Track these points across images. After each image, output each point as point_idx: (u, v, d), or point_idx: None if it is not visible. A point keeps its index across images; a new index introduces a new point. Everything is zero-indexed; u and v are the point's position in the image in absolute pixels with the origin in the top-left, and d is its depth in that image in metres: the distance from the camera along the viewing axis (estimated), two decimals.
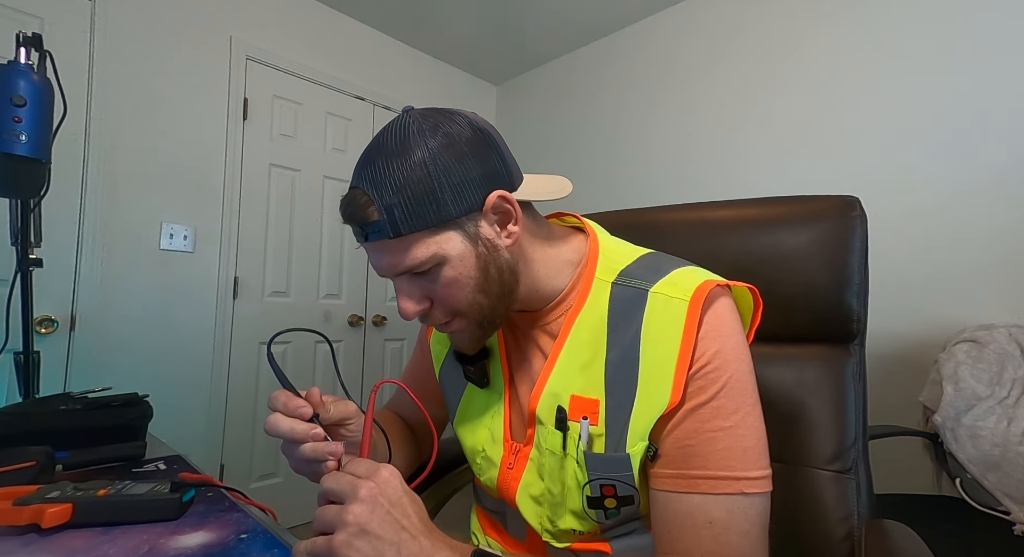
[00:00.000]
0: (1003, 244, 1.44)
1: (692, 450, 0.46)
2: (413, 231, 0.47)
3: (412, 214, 0.46)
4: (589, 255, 0.57)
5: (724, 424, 0.46)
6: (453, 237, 0.48)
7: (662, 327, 0.49)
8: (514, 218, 0.51)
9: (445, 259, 0.48)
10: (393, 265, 0.49)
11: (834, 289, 0.70)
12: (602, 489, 0.51)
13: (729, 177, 2.05)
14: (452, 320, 0.53)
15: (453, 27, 2.49)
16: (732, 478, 0.45)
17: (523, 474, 0.55)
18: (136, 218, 1.77)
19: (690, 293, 0.49)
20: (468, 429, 0.62)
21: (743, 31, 2.04)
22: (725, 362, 0.47)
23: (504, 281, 0.52)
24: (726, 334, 0.49)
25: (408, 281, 0.51)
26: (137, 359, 1.74)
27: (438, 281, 0.49)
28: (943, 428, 1.29)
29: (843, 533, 0.64)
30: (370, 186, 0.47)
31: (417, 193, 0.46)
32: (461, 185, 0.48)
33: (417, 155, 0.47)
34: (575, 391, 0.52)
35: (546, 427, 0.53)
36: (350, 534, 0.37)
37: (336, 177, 2.33)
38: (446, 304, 0.51)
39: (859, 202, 0.72)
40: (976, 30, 1.52)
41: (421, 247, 0.47)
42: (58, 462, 0.62)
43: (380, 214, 0.46)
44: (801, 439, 0.69)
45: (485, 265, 0.50)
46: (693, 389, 0.47)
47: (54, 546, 0.45)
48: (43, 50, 0.86)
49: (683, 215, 0.84)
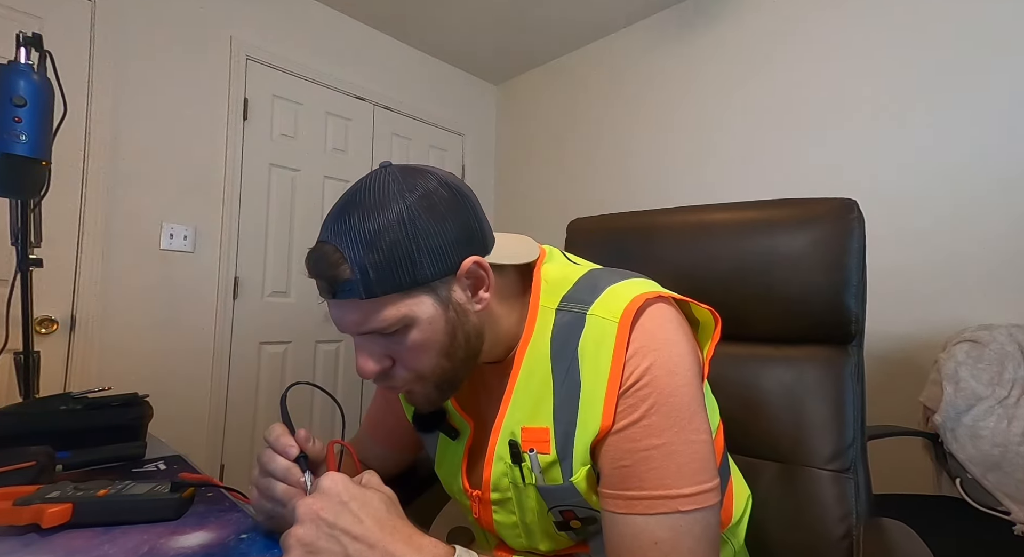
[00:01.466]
0: (1003, 244, 1.44)
1: (627, 471, 0.46)
2: (386, 293, 0.45)
3: (387, 275, 0.45)
4: (533, 285, 0.55)
5: (656, 442, 0.45)
6: (425, 301, 0.47)
7: (596, 350, 0.48)
8: (486, 284, 0.50)
9: (414, 321, 0.47)
10: (358, 323, 0.47)
11: (832, 291, 0.71)
12: (563, 514, 0.52)
13: (729, 179, 2.05)
14: (413, 383, 0.51)
15: (453, 27, 2.49)
16: (667, 497, 0.44)
17: (492, 515, 0.56)
18: (136, 218, 1.77)
19: (619, 312, 0.48)
20: (445, 477, 0.62)
21: (744, 32, 2.04)
22: (655, 378, 0.46)
23: (470, 345, 0.51)
24: (657, 347, 0.47)
25: (370, 340, 0.49)
26: (137, 359, 1.75)
27: (403, 343, 0.48)
28: (943, 428, 1.29)
29: (842, 532, 0.64)
30: (343, 242, 0.45)
31: (394, 254, 0.45)
32: (439, 248, 0.47)
33: (394, 213, 0.45)
34: (525, 423, 0.51)
35: (506, 462, 0.52)
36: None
37: (336, 177, 2.33)
38: (409, 366, 0.50)
39: (857, 205, 0.72)
40: (975, 30, 1.52)
41: (391, 309, 0.46)
42: (58, 462, 0.63)
43: (353, 273, 0.45)
44: (800, 439, 0.69)
45: (453, 329, 0.49)
46: (624, 408, 0.47)
47: (54, 546, 0.45)
48: (43, 50, 0.86)
49: (682, 218, 0.85)
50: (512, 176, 2.95)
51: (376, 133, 2.50)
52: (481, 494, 0.56)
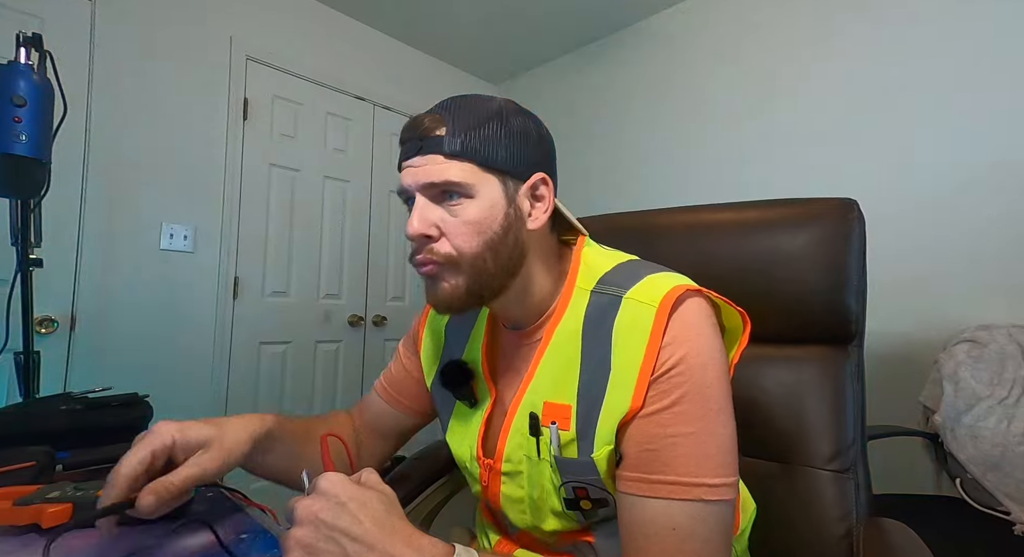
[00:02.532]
0: (1003, 244, 1.44)
1: (653, 455, 0.46)
2: (467, 159, 0.50)
3: (473, 145, 0.50)
4: (572, 265, 0.57)
5: (685, 429, 0.46)
6: (494, 184, 0.51)
7: (630, 332, 0.49)
8: (547, 205, 0.55)
9: (478, 196, 0.50)
10: (429, 175, 0.50)
11: (832, 291, 0.71)
12: (576, 491, 0.52)
13: (728, 179, 2.05)
14: (447, 268, 0.51)
15: (453, 27, 2.49)
16: (691, 484, 0.44)
17: (500, 487, 0.57)
18: (136, 218, 1.77)
19: (659, 298, 0.49)
20: (455, 444, 0.63)
21: (744, 32, 2.04)
22: (689, 367, 0.47)
23: (512, 257, 0.53)
24: (693, 338, 0.48)
25: (429, 207, 0.51)
26: (137, 359, 1.75)
27: (459, 215, 0.50)
28: (943, 428, 1.29)
29: (841, 532, 0.64)
30: (444, 112, 0.51)
31: (484, 132, 0.50)
32: (519, 151, 0.52)
33: (495, 105, 0.53)
34: (548, 398, 0.52)
35: (523, 434, 0.54)
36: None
37: (336, 177, 2.33)
38: (455, 241, 0.51)
39: (857, 204, 0.72)
40: (975, 31, 1.52)
41: (466, 172, 0.50)
42: (58, 462, 0.62)
43: (446, 133, 0.50)
44: (800, 439, 0.69)
45: (507, 228, 0.52)
46: (655, 393, 0.47)
47: (54, 546, 0.45)
48: (43, 50, 0.86)
49: (682, 218, 0.85)
50: None
51: (376, 133, 2.50)
52: (493, 463, 0.57)
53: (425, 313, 0.72)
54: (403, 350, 0.74)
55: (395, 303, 2.56)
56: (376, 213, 2.49)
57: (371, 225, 2.46)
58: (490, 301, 0.54)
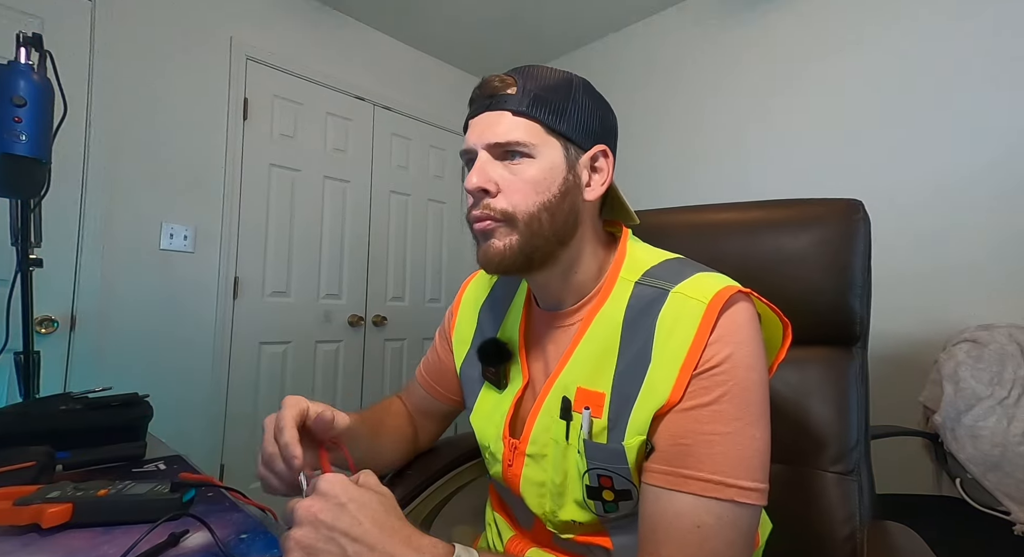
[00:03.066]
0: (1003, 245, 1.44)
1: (687, 449, 0.45)
2: (534, 119, 0.51)
3: (541, 107, 0.52)
4: (617, 255, 0.58)
5: (723, 429, 0.45)
6: (557, 148, 0.53)
7: (676, 325, 0.48)
8: (604, 178, 0.56)
9: (539, 157, 0.52)
10: (496, 134, 0.51)
11: (837, 292, 0.71)
12: (600, 479, 0.51)
13: (733, 180, 2.05)
14: (502, 225, 0.52)
15: (453, 27, 2.49)
16: (723, 484, 0.44)
17: (523, 468, 0.57)
18: (136, 218, 1.77)
19: (709, 296, 0.48)
20: (480, 425, 0.64)
21: (746, 33, 2.04)
22: (734, 367, 0.46)
23: (567, 223, 0.54)
24: (740, 340, 0.48)
25: (491, 164, 0.53)
26: (137, 359, 1.74)
27: (519, 174, 0.52)
28: (943, 428, 1.29)
29: (845, 534, 0.64)
30: (517, 74, 0.54)
31: (553, 96, 0.52)
32: (585, 121, 0.54)
33: (567, 76, 0.55)
34: (582, 384, 0.52)
35: (553, 417, 0.54)
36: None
37: (336, 177, 2.33)
38: (511, 199, 0.52)
39: (862, 205, 0.72)
40: (975, 31, 1.52)
41: (529, 132, 0.51)
42: (58, 462, 0.62)
43: (516, 92, 0.52)
44: (804, 441, 0.69)
45: (565, 192, 0.53)
46: (696, 389, 0.47)
47: (54, 546, 0.45)
48: (43, 50, 0.86)
49: (687, 217, 0.85)
50: None
51: (376, 133, 2.50)
52: (518, 444, 0.57)
53: (458, 300, 0.73)
54: (438, 339, 0.75)
55: (395, 303, 2.56)
56: (376, 213, 2.49)
57: (371, 225, 2.46)
58: (538, 268, 0.54)
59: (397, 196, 2.59)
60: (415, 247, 2.66)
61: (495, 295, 0.69)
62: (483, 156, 0.53)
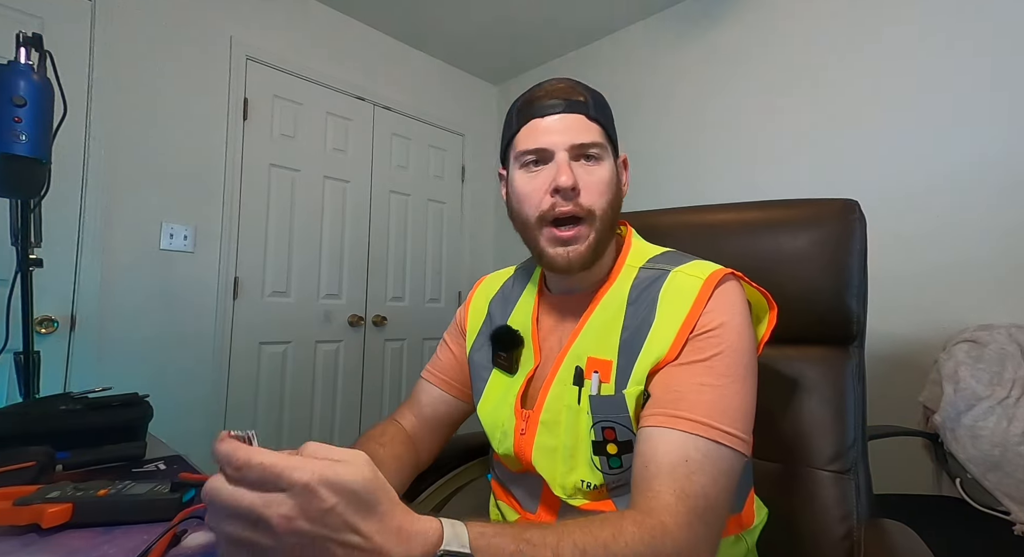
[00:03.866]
0: (1003, 244, 1.44)
1: (679, 395, 0.51)
2: (600, 124, 0.60)
3: (601, 114, 0.60)
4: (624, 246, 0.66)
5: (713, 382, 0.51)
6: (609, 152, 0.61)
7: (676, 295, 0.56)
8: (626, 181, 0.65)
9: (605, 158, 0.60)
10: (579, 135, 0.58)
11: (834, 291, 0.71)
12: (604, 433, 0.55)
13: (731, 180, 2.05)
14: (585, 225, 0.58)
15: (453, 27, 2.49)
16: (709, 425, 0.48)
17: (535, 436, 0.60)
18: (136, 218, 1.77)
19: (706, 274, 0.56)
20: (491, 409, 0.66)
21: (746, 33, 2.04)
22: (726, 333, 0.53)
23: (616, 218, 0.61)
24: (732, 312, 0.54)
25: (572, 162, 0.58)
26: (137, 359, 1.74)
27: (595, 173, 0.58)
28: (943, 428, 1.29)
29: (842, 532, 0.64)
30: (576, 84, 0.62)
31: (605, 108, 0.62)
32: (615, 130, 0.63)
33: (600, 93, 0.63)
34: (592, 354, 0.58)
35: (566, 385, 0.58)
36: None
37: (336, 177, 2.33)
38: (591, 198, 0.58)
39: (858, 205, 0.72)
40: (976, 32, 1.52)
41: (599, 136, 0.59)
42: (58, 462, 0.62)
43: (586, 98, 0.60)
44: (801, 440, 0.69)
45: (618, 190, 0.61)
46: (691, 349, 0.53)
47: (54, 546, 0.45)
48: (43, 50, 0.86)
49: (684, 218, 0.85)
50: None
51: (376, 133, 2.50)
52: (531, 414, 0.61)
53: (470, 298, 0.78)
54: (449, 339, 0.78)
55: (395, 303, 2.56)
56: (376, 213, 2.49)
57: (371, 225, 2.46)
58: (598, 261, 0.61)
59: (397, 196, 2.59)
60: (415, 247, 2.66)
61: (506, 289, 0.75)
62: (564, 156, 0.57)
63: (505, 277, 0.78)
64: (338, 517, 0.30)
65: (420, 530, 0.33)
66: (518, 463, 0.63)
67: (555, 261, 0.59)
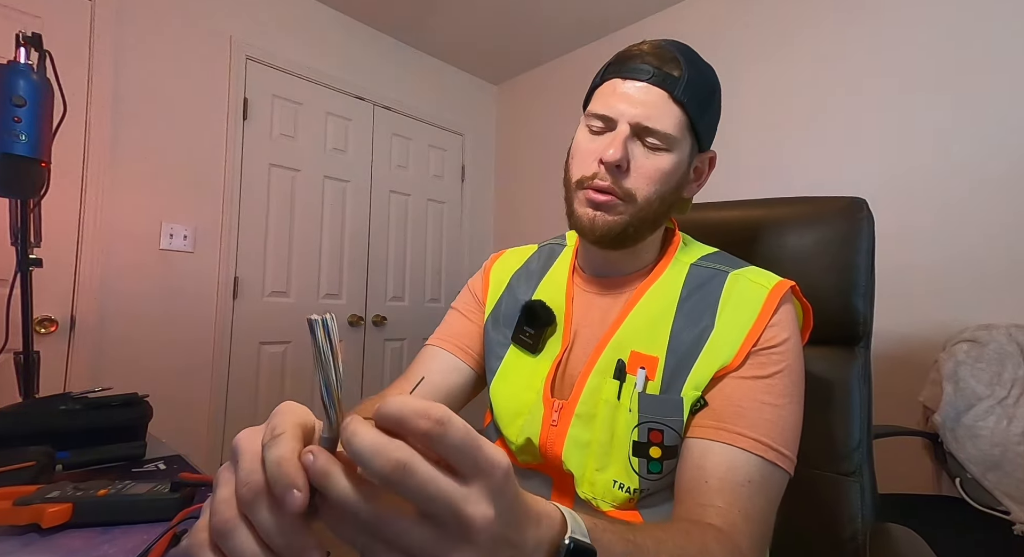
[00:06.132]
0: (1003, 244, 1.44)
1: (741, 411, 0.49)
2: (684, 109, 0.53)
3: (693, 100, 0.53)
4: (675, 240, 0.63)
5: (773, 401, 0.49)
6: (688, 145, 0.55)
7: (740, 303, 0.53)
8: (701, 181, 0.60)
9: (675, 149, 0.54)
10: (650, 117, 0.52)
11: (840, 291, 0.70)
12: (650, 434, 0.52)
13: (735, 178, 2.05)
14: (621, 203, 0.54)
15: (453, 27, 2.49)
16: (770, 447, 0.47)
17: (569, 428, 0.56)
18: (136, 218, 1.77)
19: (771, 284, 0.54)
20: (510, 392, 0.62)
21: (746, 32, 2.04)
22: (789, 351, 0.51)
23: (666, 214, 0.57)
24: (793, 331, 0.53)
25: (632, 136, 0.53)
26: (137, 359, 1.74)
27: (653, 160, 0.53)
28: (943, 428, 1.29)
29: (848, 535, 0.64)
30: (682, 56, 0.54)
31: (704, 93, 0.54)
32: (714, 124, 0.58)
33: (715, 74, 0.57)
34: (636, 347, 0.55)
35: (605, 378, 0.55)
36: None
37: (336, 177, 2.33)
38: (639, 182, 0.54)
39: (866, 204, 0.71)
40: (977, 31, 1.52)
41: (679, 124, 0.53)
42: (58, 462, 0.62)
43: (681, 75, 0.52)
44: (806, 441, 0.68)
45: (678, 186, 0.56)
46: (754, 363, 0.51)
47: (54, 546, 0.45)
48: (43, 50, 0.86)
49: (689, 216, 0.84)
50: (512, 176, 2.95)
51: (376, 133, 2.50)
52: (565, 404, 0.57)
53: (486, 270, 0.73)
54: (463, 307, 0.72)
55: (395, 303, 2.56)
56: (376, 213, 2.49)
57: (371, 225, 2.46)
58: (629, 246, 0.57)
59: (397, 196, 2.59)
60: (415, 247, 2.66)
61: (530, 266, 0.70)
62: (625, 129, 0.53)
63: (528, 253, 0.73)
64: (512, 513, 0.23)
65: (544, 511, 0.27)
66: (536, 455, 0.58)
67: (580, 220, 0.56)
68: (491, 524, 0.22)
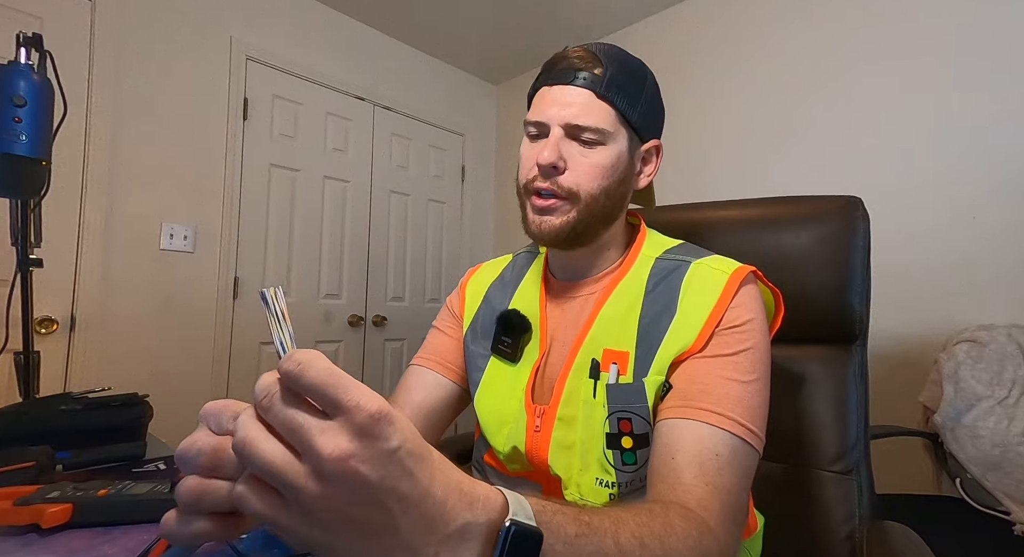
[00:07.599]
0: (1003, 244, 1.44)
1: (705, 388, 0.49)
2: (613, 105, 0.55)
3: (620, 94, 0.55)
4: (639, 235, 0.64)
5: (739, 378, 0.49)
6: (623, 137, 0.56)
7: (701, 288, 0.55)
8: (652, 171, 0.62)
9: (610, 142, 0.55)
10: (577, 116, 0.54)
11: (836, 290, 0.70)
12: (620, 424, 0.53)
13: (733, 177, 2.05)
14: (565, 203, 0.56)
15: (453, 27, 2.49)
16: (737, 421, 0.47)
17: (552, 432, 0.57)
18: (136, 218, 1.77)
19: (731, 269, 0.55)
20: (493, 402, 0.62)
21: (746, 32, 2.04)
22: (753, 331, 0.52)
23: (616, 207, 0.59)
24: (758, 312, 0.54)
25: (564, 138, 0.55)
26: (137, 359, 1.74)
27: (589, 157, 0.55)
28: (943, 428, 1.29)
29: (845, 534, 0.64)
30: (601, 54, 0.55)
31: (631, 86, 0.56)
32: (650, 113, 0.58)
33: (641, 65, 0.59)
34: (607, 345, 0.56)
35: (581, 378, 0.56)
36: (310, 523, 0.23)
37: (336, 177, 2.33)
38: (579, 178, 0.55)
39: (862, 202, 0.72)
40: (978, 31, 1.52)
41: (608, 118, 0.55)
42: (58, 462, 0.62)
43: (602, 73, 0.54)
44: (803, 440, 0.69)
45: (623, 179, 0.58)
46: (718, 342, 0.52)
47: (54, 546, 0.45)
48: (43, 50, 0.86)
49: (686, 215, 0.84)
50: (512, 176, 2.94)
51: (376, 133, 2.50)
52: (547, 409, 0.58)
53: (462, 285, 0.75)
54: (442, 324, 0.75)
55: (395, 303, 2.56)
56: (376, 213, 2.49)
57: (371, 225, 2.46)
58: (584, 244, 0.59)
59: (397, 196, 2.59)
60: (415, 247, 2.66)
61: (504, 277, 0.72)
62: (557, 132, 0.55)
63: (503, 264, 0.75)
64: (399, 465, 0.23)
65: (483, 494, 0.27)
66: (524, 463, 0.58)
67: (530, 227, 0.58)
68: (343, 461, 0.22)
